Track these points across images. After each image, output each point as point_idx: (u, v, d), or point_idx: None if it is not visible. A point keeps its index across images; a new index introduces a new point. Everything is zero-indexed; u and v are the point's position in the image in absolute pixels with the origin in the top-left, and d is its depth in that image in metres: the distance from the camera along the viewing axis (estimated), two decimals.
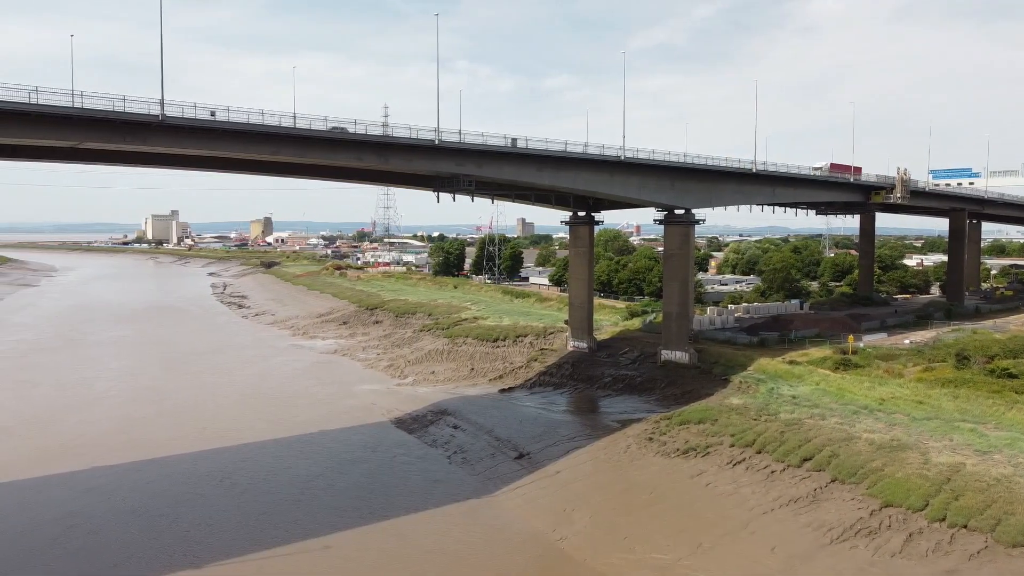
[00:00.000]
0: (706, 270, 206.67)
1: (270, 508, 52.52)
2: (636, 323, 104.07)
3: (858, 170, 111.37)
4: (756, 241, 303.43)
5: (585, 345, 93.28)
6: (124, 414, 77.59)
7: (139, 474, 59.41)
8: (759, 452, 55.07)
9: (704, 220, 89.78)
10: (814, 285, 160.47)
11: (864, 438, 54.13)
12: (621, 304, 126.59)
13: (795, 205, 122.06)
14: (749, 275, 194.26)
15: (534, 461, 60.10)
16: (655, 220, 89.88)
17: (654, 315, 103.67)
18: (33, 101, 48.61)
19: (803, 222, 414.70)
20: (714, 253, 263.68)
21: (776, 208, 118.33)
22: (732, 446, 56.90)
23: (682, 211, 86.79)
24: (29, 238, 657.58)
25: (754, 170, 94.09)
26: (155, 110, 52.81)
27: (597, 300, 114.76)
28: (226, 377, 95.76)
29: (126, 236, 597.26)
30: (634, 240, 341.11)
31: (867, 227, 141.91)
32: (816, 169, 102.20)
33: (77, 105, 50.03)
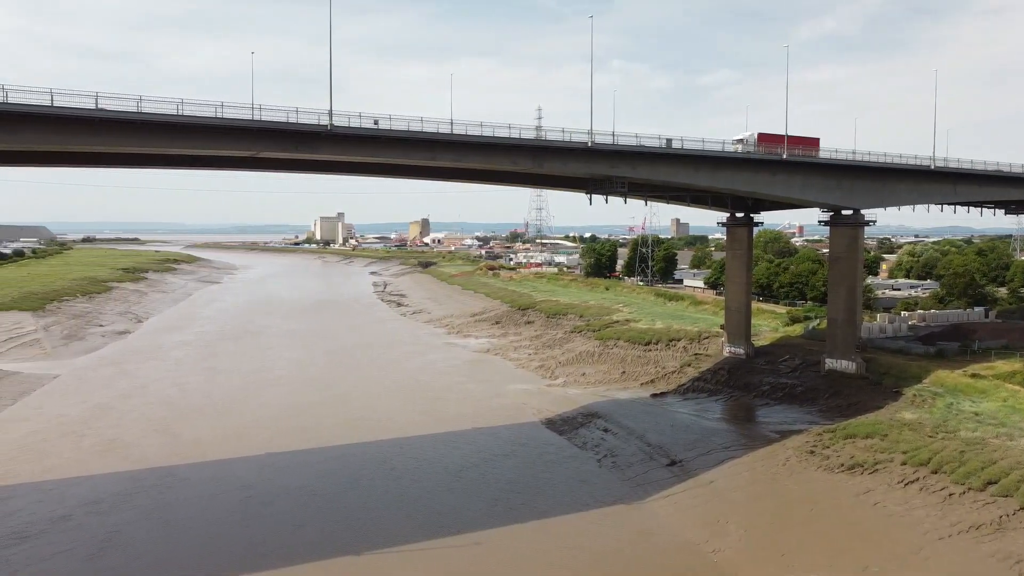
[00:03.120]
0: (876, 274, 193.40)
1: (425, 494, 55.32)
2: (797, 329, 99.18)
3: (813, 142, 79.92)
4: (934, 242, 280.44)
5: (742, 351, 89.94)
6: (294, 400, 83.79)
7: (307, 455, 64.31)
8: (935, 472, 50.83)
9: (875, 221, 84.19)
10: (1002, 291, 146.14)
11: None
12: (781, 309, 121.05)
13: (980, 204, 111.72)
14: (925, 280, 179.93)
15: (686, 469, 58.62)
16: (820, 221, 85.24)
17: (817, 321, 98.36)
18: (219, 115, 53.01)
19: (990, 221, 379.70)
20: (885, 256, 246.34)
21: (958, 207, 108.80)
22: (904, 464, 52.88)
23: (850, 212, 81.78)
24: (214, 239, 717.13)
25: (932, 166, 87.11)
26: (324, 121, 56.11)
27: (755, 304, 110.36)
28: (386, 371, 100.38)
29: (297, 237, 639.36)
30: (796, 241, 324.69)
31: None
32: (738, 141, 76.57)
33: (256, 118, 54.06)
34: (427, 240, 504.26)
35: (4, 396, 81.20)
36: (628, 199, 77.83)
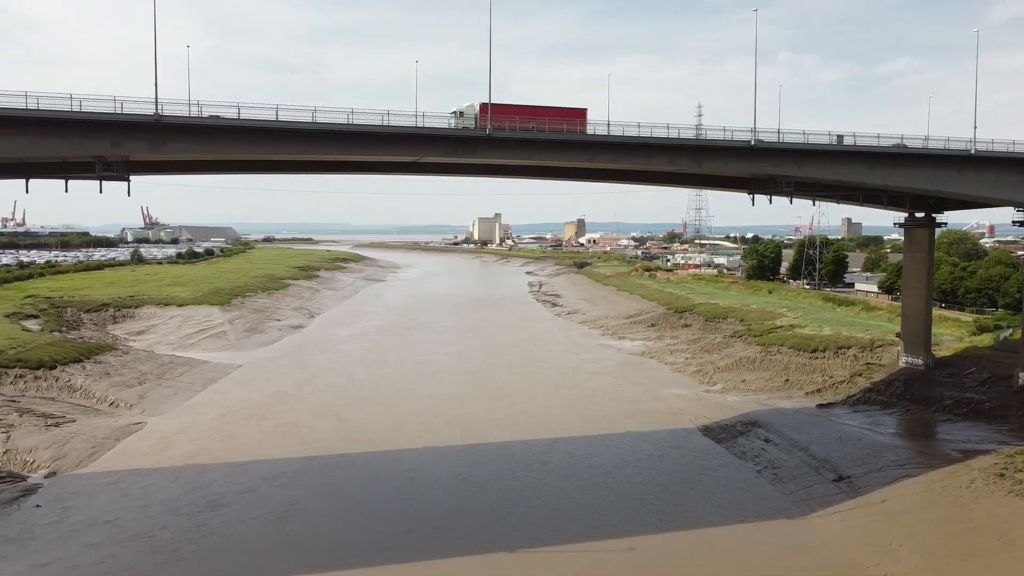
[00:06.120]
0: None
1: (576, 488, 56.43)
2: (986, 339, 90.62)
3: (576, 114, 61.46)
4: None
5: (920, 361, 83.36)
6: (452, 392, 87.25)
7: (464, 444, 67.41)
8: None
9: None
10: None
11: None
12: (967, 317, 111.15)
13: None
14: None
15: (855, 486, 55.08)
16: (1014, 221, 77.50)
17: (1010, 331, 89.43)
18: (386, 123, 55.62)
19: None
20: None
21: None
22: None
23: None
24: (379, 239, 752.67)
25: None
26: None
27: (936, 311, 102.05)
28: (539, 368, 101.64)
29: (456, 237, 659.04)
30: (986, 242, 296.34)
31: None
32: (454, 115, 59.23)
33: (419, 125, 56.23)
34: (582, 240, 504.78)
35: (195, 383, 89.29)
36: (794, 199, 74.24)
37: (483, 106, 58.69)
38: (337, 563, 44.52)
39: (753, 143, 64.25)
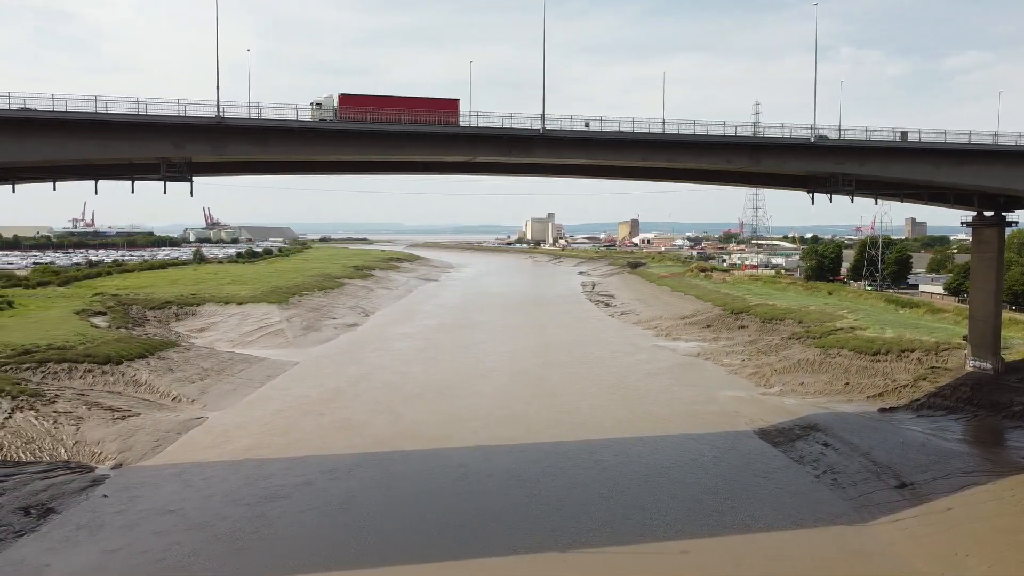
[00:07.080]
0: None
1: (629, 488, 56.48)
2: None
3: (446, 104, 56.91)
4: None
5: (989, 366, 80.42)
6: (505, 391, 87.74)
7: (516, 442, 67.96)
8: None
9: None
10: None
11: None
12: None
13: None
14: None
15: (918, 493, 53.46)
16: None
17: None
18: (441, 122, 56.04)
19: None
20: None
21: None
22: None
23: None
24: (433, 238, 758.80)
25: None
26: (536, 124, 57.55)
27: (1007, 314, 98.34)
28: (592, 368, 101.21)
29: (509, 237, 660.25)
30: None
31: None
32: (311, 105, 55.46)
33: (474, 125, 56.55)
34: (636, 240, 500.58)
35: (255, 379, 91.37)
36: (855, 198, 72.38)
37: (342, 97, 56.50)
38: (391, 555, 45.23)
39: (813, 140, 62.95)
